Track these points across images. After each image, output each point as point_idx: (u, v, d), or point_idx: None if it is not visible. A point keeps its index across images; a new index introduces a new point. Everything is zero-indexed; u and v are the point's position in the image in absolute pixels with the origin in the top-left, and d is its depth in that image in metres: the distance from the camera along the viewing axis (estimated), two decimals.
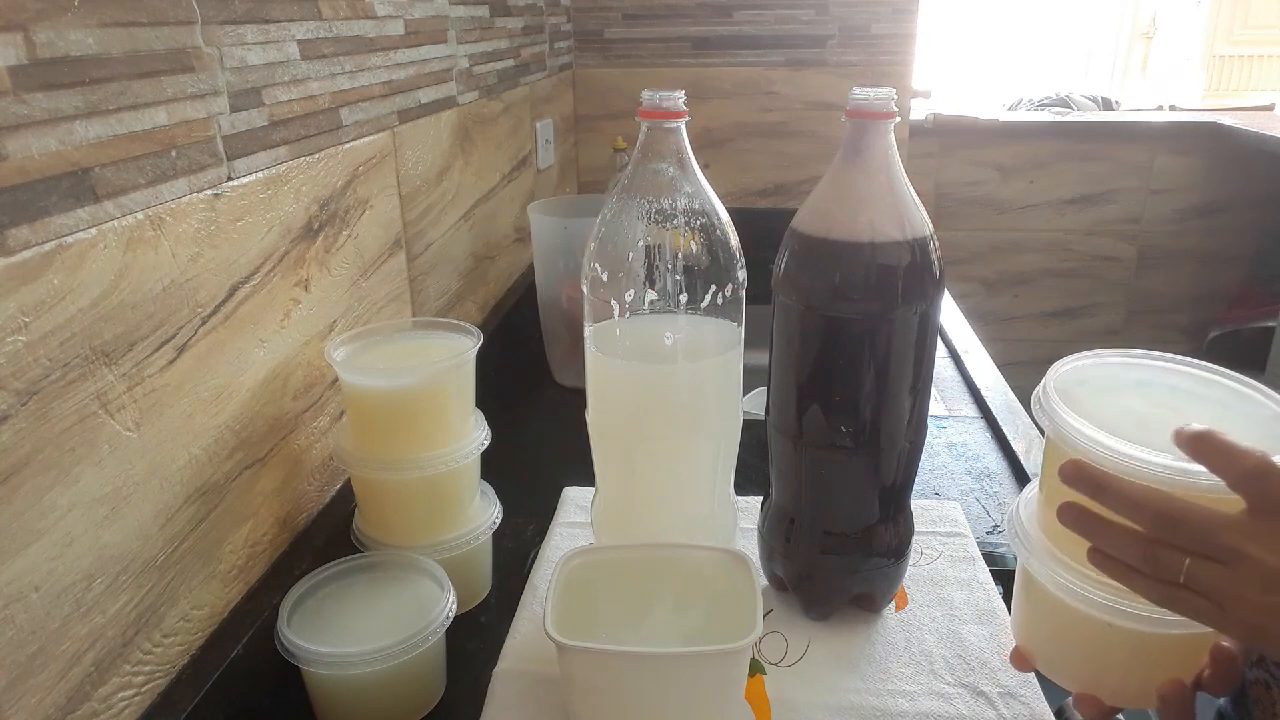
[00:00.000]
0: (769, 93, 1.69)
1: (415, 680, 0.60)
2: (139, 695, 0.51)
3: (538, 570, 0.73)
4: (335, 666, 0.55)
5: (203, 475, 0.56)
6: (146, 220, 0.49)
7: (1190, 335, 2.46)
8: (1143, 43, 3.26)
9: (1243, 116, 2.32)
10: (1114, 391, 0.49)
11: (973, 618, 0.67)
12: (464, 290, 1.06)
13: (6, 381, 0.40)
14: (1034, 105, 2.59)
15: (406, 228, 0.88)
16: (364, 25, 0.77)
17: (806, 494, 0.65)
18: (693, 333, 0.61)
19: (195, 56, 0.54)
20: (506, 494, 0.73)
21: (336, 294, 0.73)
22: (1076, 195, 2.35)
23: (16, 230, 0.41)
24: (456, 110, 1.02)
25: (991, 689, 0.60)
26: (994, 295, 2.45)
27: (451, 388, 0.67)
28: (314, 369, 0.69)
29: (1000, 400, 1.05)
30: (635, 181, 0.60)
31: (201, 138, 0.55)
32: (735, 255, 0.61)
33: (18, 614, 0.42)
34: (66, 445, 0.44)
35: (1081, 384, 0.49)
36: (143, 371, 0.50)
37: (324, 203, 0.70)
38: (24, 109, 0.41)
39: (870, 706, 0.59)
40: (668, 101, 0.58)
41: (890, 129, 0.57)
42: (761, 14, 1.64)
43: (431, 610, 0.58)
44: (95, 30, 0.45)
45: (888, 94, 0.57)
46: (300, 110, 0.66)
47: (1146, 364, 0.51)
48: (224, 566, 0.59)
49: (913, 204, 0.58)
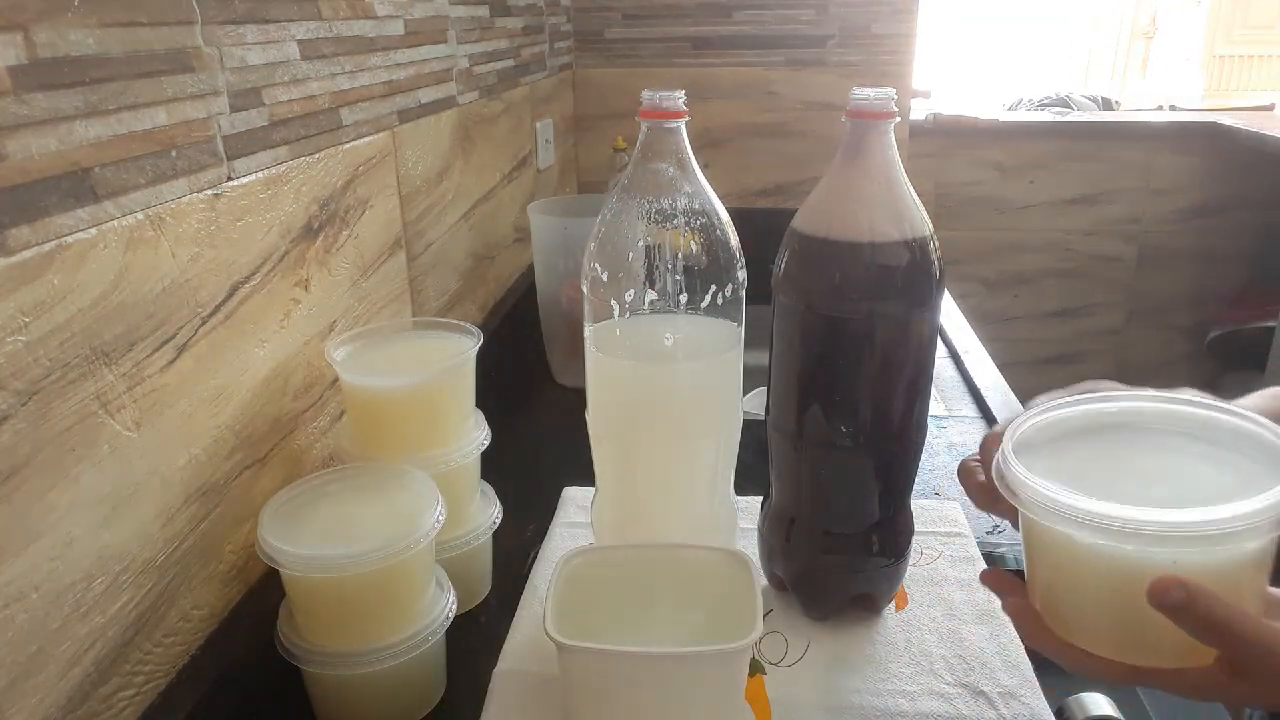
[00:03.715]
0: (769, 93, 1.69)
1: (415, 680, 0.60)
2: (139, 695, 0.51)
3: (538, 570, 0.73)
4: (335, 666, 0.55)
5: (203, 475, 0.56)
6: (146, 220, 0.49)
7: (1190, 335, 2.46)
8: (1143, 43, 3.26)
9: (1243, 116, 2.32)
10: (1066, 440, 0.47)
11: (973, 618, 0.67)
12: (464, 290, 1.06)
13: (6, 381, 0.40)
14: (1034, 105, 2.59)
15: (406, 228, 0.88)
16: (364, 25, 0.77)
17: (806, 494, 0.65)
18: (693, 333, 0.61)
19: (195, 56, 0.54)
20: (506, 494, 0.73)
21: (336, 294, 0.73)
22: (1076, 195, 2.35)
23: (16, 230, 0.41)
24: (456, 110, 1.02)
25: (991, 689, 0.60)
26: (994, 295, 2.45)
27: (451, 388, 0.67)
28: (314, 369, 0.69)
29: (1000, 400, 1.05)
30: (635, 181, 0.60)
31: (201, 138, 0.55)
32: (735, 255, 0.61)
33: (18, 614, 0.42)
34: (66, 445, 0.44)
35: (1037, 435, 0.47)
36: (143, 371, 0.50)
37: (324, 203, 0.70)
38: (24, 109, 0.41)
39: (870, 706, 0.59)
40: (668, 101, 0.58)
41: (890, 129, 0.57)
42: (761, 14, 1.64)
43: (432, 609, 0.59)
44: (95, 30, 0.45)
45: (888, 94, 0.57)
46: (300, 110, 0.67)
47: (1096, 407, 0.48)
48: (224, 566, 0.59)
49: (913, 204, 0.58)
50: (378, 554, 0.53)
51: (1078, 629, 0.44)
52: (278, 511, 0.57)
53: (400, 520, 0.57)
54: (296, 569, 0.53)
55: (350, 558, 0.53)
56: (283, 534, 0.54)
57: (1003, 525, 0.80)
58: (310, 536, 0.55)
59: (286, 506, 0.57)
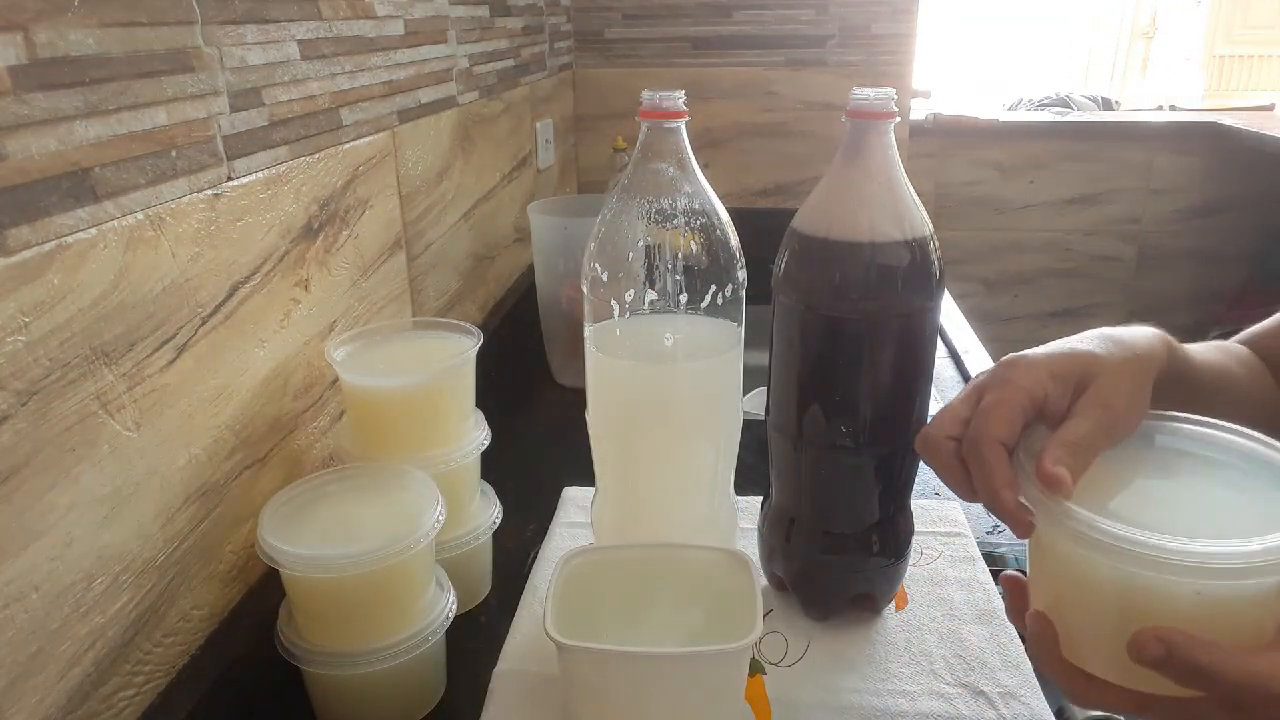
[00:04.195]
0: (769, 93, 1.69)
1: (415, 680, 0.60)
2: (139, 695, 0.51)
3: (538, 570, 0.73)
4: (335, 666, 0.55)
5: (203, 475, 0.56)
6: (146, 220, 0.49)
7: (1190, 335, 2.42)
8: (1143, 43, 3.27)
9: (1243, 116, 2.32)
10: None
11: (973, 618, 0.67)
12: (464, 290, 1.06)
13: (6, 381, 0.40)
14: (1034, 105, 2.59)
15: (406, 228, 0.88)
16: (364, 25, 0.77)
17: (806, 494, 0.65)
18: (693, 333, 0.61)
19: (195, 56, 0.54)
20: (506, 494, 0.73)
21: (336, 294, 0.73)
22: (1076, 195, 2.35)
23: (16, 230, 0.41)
24: (456, 110, 1.02)
25: (991, 689, 0.60)
26: (994, 295, 2.45)
27: (451, 388, 0.67)
28: (314, 369, 0.69)
29: None
30: (635, 181, 0.60)
31: (201, 138, 0.55)
32: (735, 255, 0.61)
33: (18, 614, 0.42)
34: (67, 445, 0.44)
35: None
36: (143, 371, 0.50)
37: (324, 203, 0.70)
38: (24, 109, 0.41)
39: (870, 706, 0.59)
40: (668, 101, 0.58)
41: (890, 129, 0.57)
42: (761, 14, 1.64)
43: (432, 609, 0.59)
44: (95, 30, 0.45)
45: (888, 94, 0.57)
46: (300, 110, 0.67)
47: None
48: (224, 566, 0.59)
49: (913, 204, 0.58)
50: (378, 554, 0.53)
51: (1087, 652, 0.43)
52: (278, 511, 0.57)
53: (400, 520, 0.57)
54: (296, 569, 0.53)
55: (350, 558, 0.53)
56: (283, 534, 0.54)
57: (1003, 525, 0.80)
58: (310, 536, 0.55)
59: (286, 506, 0.57)
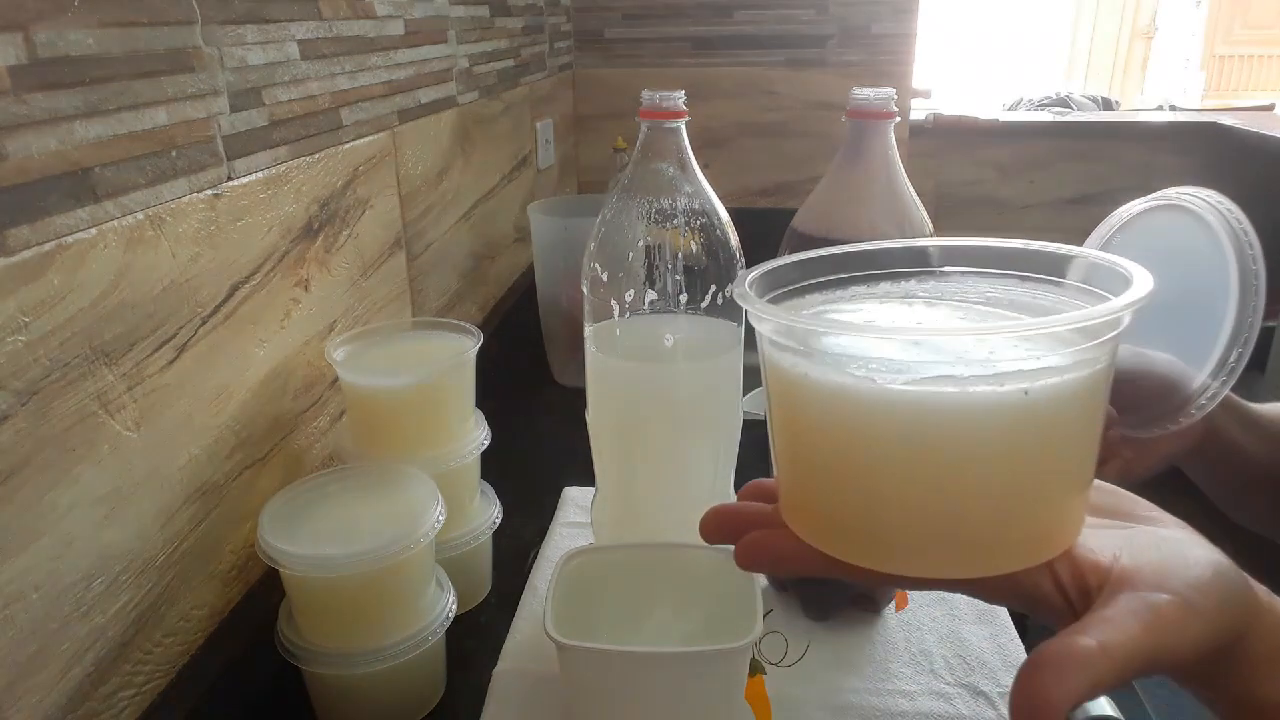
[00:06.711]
0: (769, 93, 1.69)
1: (415, 680, 0.60)
2: (139, 695, 0.51)
3: (538, 570, 0.73)
4: (335, 666, 0.55)
5: (203, 475, 0.56)
6: (146, 220, 0.49)
7: None
8: (1143, 43, 3.27)
9: (1243, 116, 2.32)
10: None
11: (973, 618, 0.67)
12: (464, 290, 1.06)
13: (6, 381, 0.40)
14: (1034, 105, 2.59)
15: (406, 228, 0.88)
16: (364, 25, 0.77)
17: None
18: (693, 333, 0.61)
19: (195, 56, 0.54)
20: (506, 494, 0.73)
21: (336, 294, 0.73)
22: (1076, 195, 2.35)
23: (16, 230, 0.41)
24: (456, 110, 1.02)
25: (991, 689, 0.60)
26: None
27: (451, 388, 0.67)
28: (314, 369, 0.69)
29: None
30: (635, 181, 0.60)
31: (201, 137, 0.55)
32: (735, 255, 0.61)
33: (18, 614, 0.42)
34: (67, 445, 0.44)
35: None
36: (143, 371, 0.50)
37: (324, 203, 0.70)
38: (24, 109, 0.41)
39: (870, 706, 0.59)
40: (668, 101, 0.58)
41: (890, 129, 0.57)
42: (761, 14, 1.64)
43: (432, 609, 0.59)
44: (95, 30, 0.45)
45: (888, 94, 0.57)
46: (300, 110, 0.67)
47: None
48: (224, 566, 0.59)
49: (913, 204, 0.58)
50: (378, 554, 0.53)
51: (859, 531, 0.31)
52: (278, 511, 0.57)
53: (400, 520, 0.57)
54: (296, 569, 0.53)
55: (350, 558, 0.53)
56: (283, 534, 0.54)
57: None
58: (310, 536, 0.55)
59: (286, 506, 0.57)
